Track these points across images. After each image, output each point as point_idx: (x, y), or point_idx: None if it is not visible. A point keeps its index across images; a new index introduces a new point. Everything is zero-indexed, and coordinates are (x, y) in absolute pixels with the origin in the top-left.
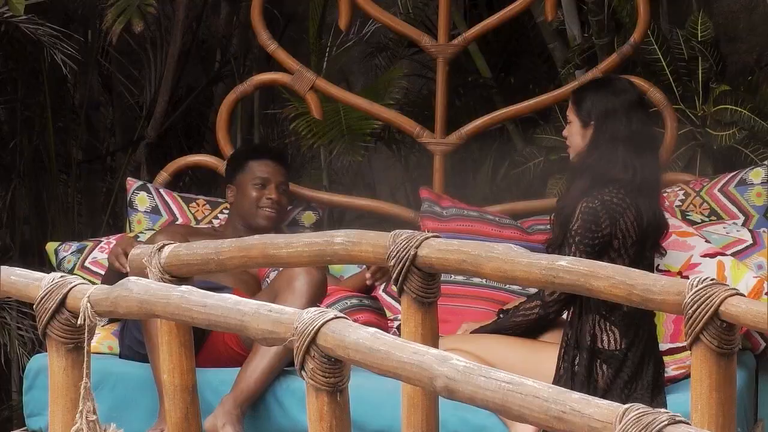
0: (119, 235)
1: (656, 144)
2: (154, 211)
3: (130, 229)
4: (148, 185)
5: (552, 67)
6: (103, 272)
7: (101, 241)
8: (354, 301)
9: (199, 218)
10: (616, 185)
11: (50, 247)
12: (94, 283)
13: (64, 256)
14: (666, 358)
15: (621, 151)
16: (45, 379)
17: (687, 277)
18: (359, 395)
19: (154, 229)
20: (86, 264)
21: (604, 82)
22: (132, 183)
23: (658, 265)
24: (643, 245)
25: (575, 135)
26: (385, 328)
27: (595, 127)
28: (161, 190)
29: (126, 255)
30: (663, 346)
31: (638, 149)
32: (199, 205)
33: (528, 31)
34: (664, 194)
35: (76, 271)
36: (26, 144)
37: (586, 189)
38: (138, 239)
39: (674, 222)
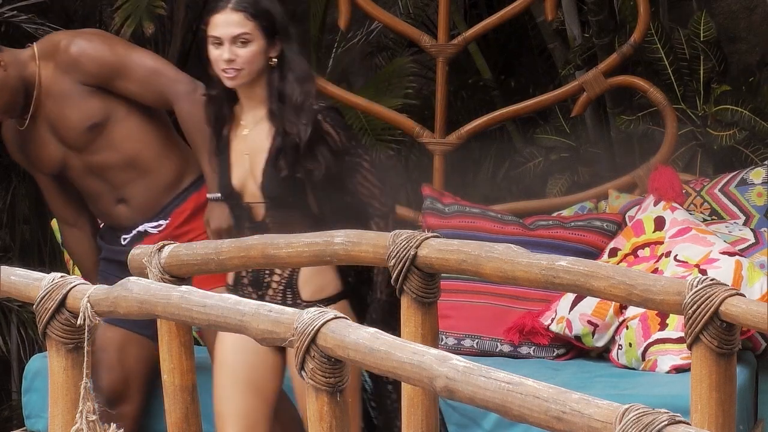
0: None
1: None
2: None
3: None
4: None
5: (552, 68)
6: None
7: None
8: None
9: None
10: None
11: (55, 224)
12: None
13: None
14: (675, 347)
15: (303, 55)
16: (44, 379)
17: (704, 271)
18: None
19: None
20: None
21: None
22: None
23: (677, 255)
24: None
25: (260, 55)
26: None
27: (283, 40)
28: None
29: None
30: (674, 334)
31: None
32: None
33: (528, 31)
34: None
35: None
36: None
37: (314, 105)
38: None
39: (695, 219)
